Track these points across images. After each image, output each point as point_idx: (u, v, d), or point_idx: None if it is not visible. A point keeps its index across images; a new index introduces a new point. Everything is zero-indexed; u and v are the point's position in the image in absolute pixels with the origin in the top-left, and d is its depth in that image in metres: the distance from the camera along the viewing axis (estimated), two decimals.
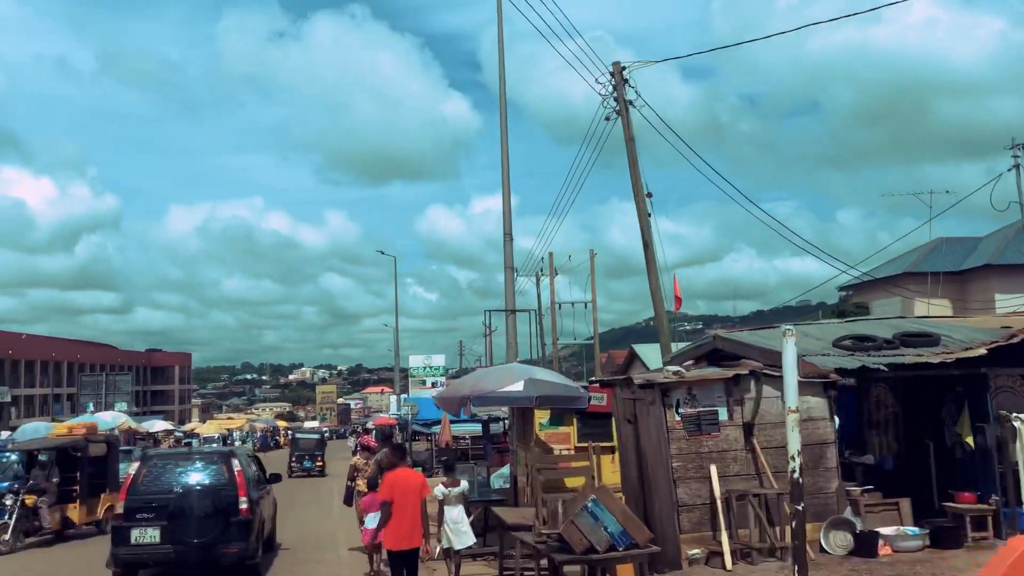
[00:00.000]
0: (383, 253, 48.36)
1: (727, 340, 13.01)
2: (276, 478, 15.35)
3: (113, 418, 38.10)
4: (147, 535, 11.73)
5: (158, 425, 45.17)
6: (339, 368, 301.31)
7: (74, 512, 18.24)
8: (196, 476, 12.35)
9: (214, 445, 36.10)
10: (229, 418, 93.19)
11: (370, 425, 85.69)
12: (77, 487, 18.46)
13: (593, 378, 10.69)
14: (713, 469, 10.58)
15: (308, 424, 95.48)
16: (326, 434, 59.45)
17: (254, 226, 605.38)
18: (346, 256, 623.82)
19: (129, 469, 13.13)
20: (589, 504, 8.15)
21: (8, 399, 68.57)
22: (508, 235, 16.80)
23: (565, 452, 13.84)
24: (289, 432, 76.58)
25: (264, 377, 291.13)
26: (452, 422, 32.10)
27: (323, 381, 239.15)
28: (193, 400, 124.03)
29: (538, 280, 40.36)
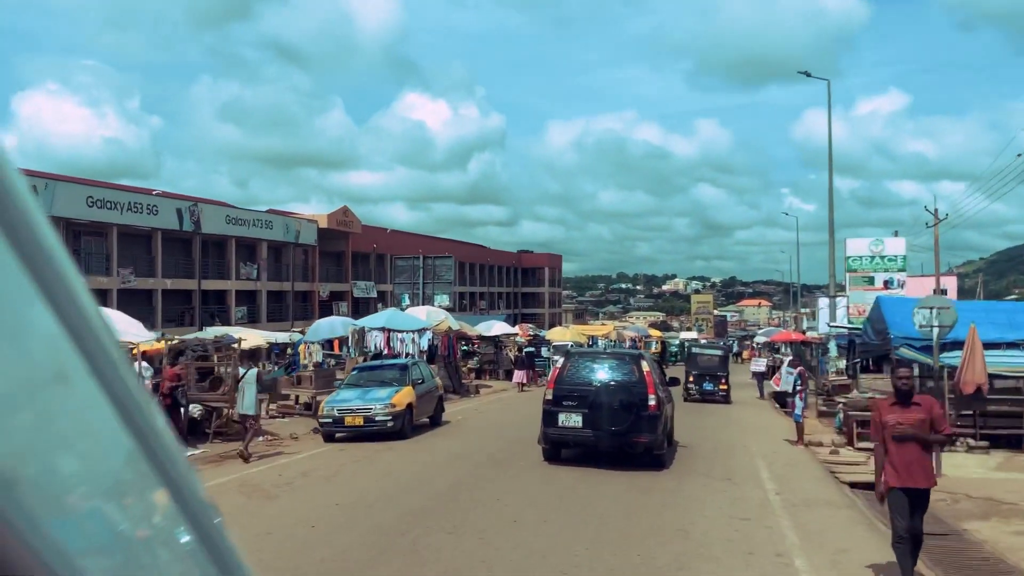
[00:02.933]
0: (809, 75, 30.26)
1: None
2: (675, 381, 16.30)
3: (429, 315, 26.85)
4: (571, 419, 12.61)
5: (497, 327, 33.90)
6: (712, 280, 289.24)
7: None
8: (611, 373, 12.96)
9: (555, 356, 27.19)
10: (602, 324, 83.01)
11: (759, 339, 69.68)
12: None
13: None
14: None
15: (685, 334, 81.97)
16: (731, 346, 45.81)
17: (626, 138, 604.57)
18: (718, 166, 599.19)
19: (556, 363, 14.90)
20: None
21: (374, 294, 63.47)
22: None
23: None
24: (660, 343, 63.52)
25: (638, 287, 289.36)
26: (988, 346, 15.66)
27: (696, 292, 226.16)
28: (565, 304, 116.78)
29: None
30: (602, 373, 13.04)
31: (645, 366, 13.02)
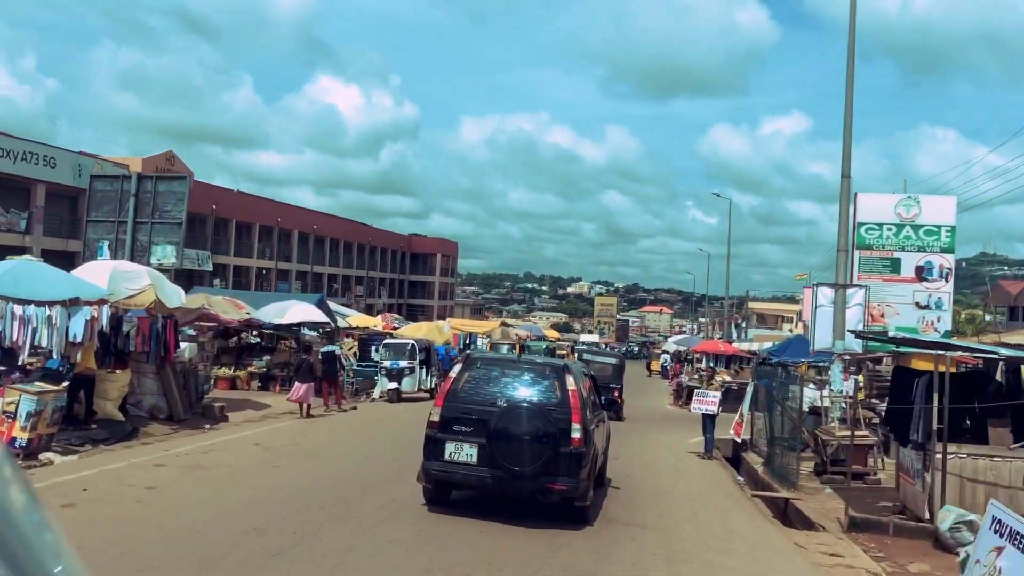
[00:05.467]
0: None
1: None
2: (613, 404, 12.99)
3: (114, 278, 13.96)
4: (463, 452, 8.90)
5: (295, 311, 20.88)
6: (616, 285, 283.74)
7: None
8: (523, 391, 9.24)
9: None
10: (505, 322, 71.06)
11: (671, 347, 58.79)
12: None
13: None
14: None
15: (586, 337, 70.86)
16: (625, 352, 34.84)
17: (538, 139, 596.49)
18: (626, 174, 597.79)
19: (451, 372, 9.88)
20: None
21: (209, 267, 49.74)
22: None
23: None
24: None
25: (544, 288, 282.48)
26: None
27: (600, 295, 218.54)
28: (460, 297, 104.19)
29: None
30: (511, 390, 9.19)
31: (571, 383, 9.08)
